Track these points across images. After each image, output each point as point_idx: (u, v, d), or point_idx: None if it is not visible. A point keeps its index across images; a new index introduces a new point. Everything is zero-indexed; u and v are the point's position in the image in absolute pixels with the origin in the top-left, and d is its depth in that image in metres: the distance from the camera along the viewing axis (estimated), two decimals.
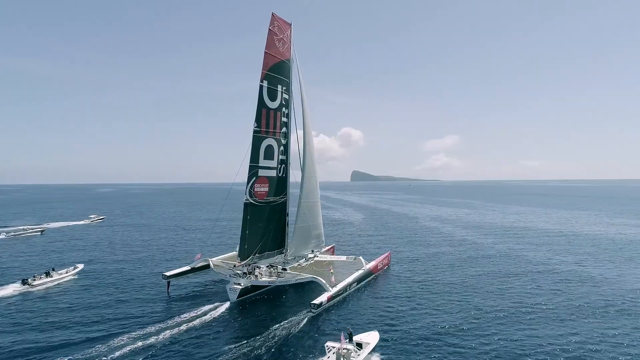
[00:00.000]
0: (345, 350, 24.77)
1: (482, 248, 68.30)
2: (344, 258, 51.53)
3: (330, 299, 37.22)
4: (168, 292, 42.96)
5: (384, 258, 52.92)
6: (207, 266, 47.00)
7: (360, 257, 49.77)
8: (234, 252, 51.94)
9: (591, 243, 71.90)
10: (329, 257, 52.65)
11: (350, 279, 42.11)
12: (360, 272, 44.78)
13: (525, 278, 47.34)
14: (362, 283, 44.71)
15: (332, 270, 42.43)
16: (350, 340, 26.37)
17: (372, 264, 48.37)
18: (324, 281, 39.13)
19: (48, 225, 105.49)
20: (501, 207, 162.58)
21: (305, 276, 41.16)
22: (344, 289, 40.48)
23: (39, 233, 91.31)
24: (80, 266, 53.27)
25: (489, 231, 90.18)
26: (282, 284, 40.80)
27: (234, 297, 39.29)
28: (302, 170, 47.51)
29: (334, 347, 25.29)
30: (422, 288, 43.77)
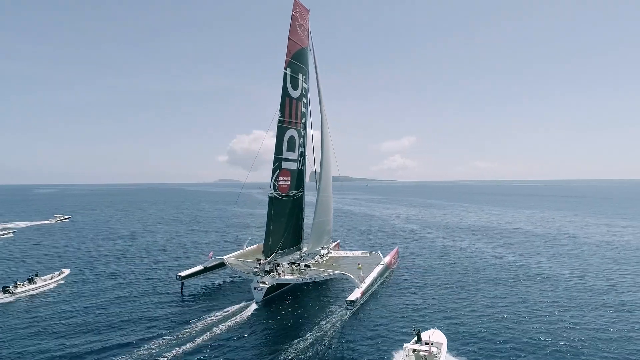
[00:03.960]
0: (425, 353, 23.23)
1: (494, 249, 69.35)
2: (359, 253, 50.27)
3: (362, 294, 35.86)
4: (182, 293, 39.90)
5: (395, 253, 52.44)
6: (221, 265, 44.22)
7: (379, 252, 48.80)
8: (248, 249, 49.39)
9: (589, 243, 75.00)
10: (344, 253, 51.20)
11: (374, 274, 40.94)
12: (381, 266, 43.77)
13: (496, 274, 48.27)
14: (383, 278, 43.84)
15: (360, 266, 40.98)
16: (419, 339, 24.73)
17: (387, 258, 47.55)
18: (353, 277, 37.60)
19: (13, 225, 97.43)
20: (464, 206, 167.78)
21: (334, 272, 39.50)
22: (371, 284, 39.27)
23: (11, 234, 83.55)
24: (67, 271, 48.16)
25: (483, 231, 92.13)
26: (310, 280, 38.79)
27: (260, 296, 36.88)
28: (321, 162, 45.59)
29: (413, 349, 23.58)
30: (443, 283, 43.46)
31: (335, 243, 57.89)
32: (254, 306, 35.73)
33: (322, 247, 50.10)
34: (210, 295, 39.70)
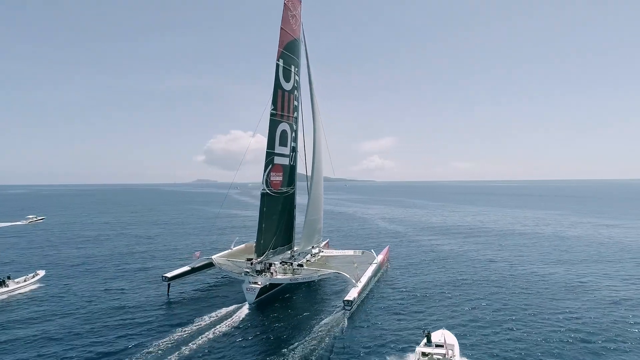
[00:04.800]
0: (440, 356, 21.93)
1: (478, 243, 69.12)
2: (351, 252, 48.88)
3: (359, 294, 34.51)
4: (168, 295, 37.74)
5: (387, 252, 51.49)
6: (209, 265, 42.17)
7: (372, 251, 47.61)
8: (236, 249, 47.44)
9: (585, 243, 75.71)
10: (335, 252, 49.72)
11: (369, 273, 39.69)
12: (375, 265, 42.59)
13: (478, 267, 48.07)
14: (377, 277, 42.71)
15: (356, 265, 39.62)
16: (429, 341, 23.40)
17: (380, 257, 46.47)
18: (348, 276, 36.17)
19: None
20: (452, 206, 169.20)
21: (329, 271, 38.00)
22: (367, 284, 37.99)
23: None
24: (42, 273, 45.10)
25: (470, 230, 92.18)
26: (305, 281, 37.17)
27: (252, 297, 35.04)
28: (313, 159, 43.98)
29: (426, 352, 22.19)
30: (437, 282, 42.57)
31: (325, 242, 56.46)
32: (246, 308, 33.89)
33: (313, 246, 48.61)
34: (199, 297, 37.60)
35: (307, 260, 44.34)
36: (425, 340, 23.46)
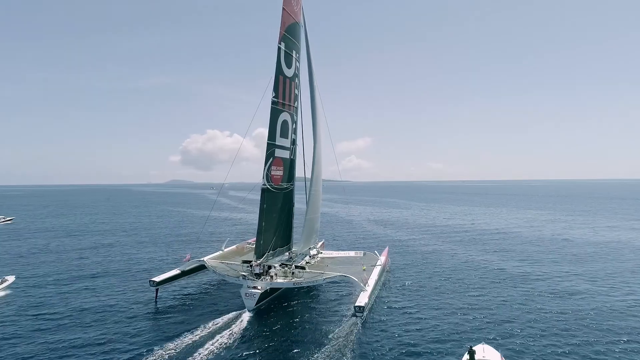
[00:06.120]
0: None
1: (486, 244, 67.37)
2: (352, 253, 45.96)
3: (369, 298, 31.58)
4: (156, 302, 33.93)
5: (387, 252, 48.79)
6: (200, 267, 38.41)
7: (375, 252, 44.84)
8: (227, 250, 43.73)
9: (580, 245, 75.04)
10: (335, 254, 46.65)
11: (376, 276, 36.82)
12: (380, 267, 39.76)
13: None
14: (382, 279, 39.96)
15: (364, 267, 36.65)
16: (472, 358, 20.24)
17: (382, 258, 43.75)
18: (356, 279, 33.14)
19: None
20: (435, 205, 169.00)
21: (334, 274, 34.76)
22: (374, 287, 35.08)
23: None
24: (11, 278, 40.35)
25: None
26: (310, 284, 33.84)
27: (252, 304, 31.62)
28: (314, 152, 40.69)
29: None
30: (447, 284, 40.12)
31: (321, 243, 53.32)
32: (246, 316, 30.42)
33: (310, 247, 45.48)
34: (192, 303, 33.79)
35: (307, 262, 41.22)
36: (467, 356, 20.47)
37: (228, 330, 27.81)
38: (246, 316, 30.37)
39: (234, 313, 30.99)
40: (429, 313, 31.14)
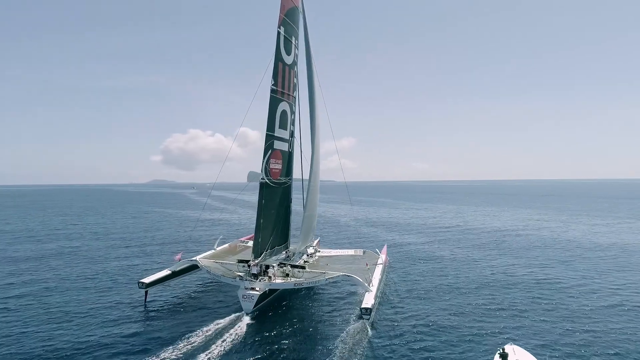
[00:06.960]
0: None
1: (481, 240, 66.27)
2: (351, 252, 43.95)
3: (375, 299, 29.70)
4: (146, 305, 31.37)
5: (386, 250, 47.05)
6: (192, 268, 35.92)
7: (376, 250, 42.96)
8: (219, 249, 41.23)
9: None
10: (334, 252, 44.59)
11: (378, 275, 34.94)
12: (381, 266, 37.89)
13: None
14: (384, 279, 38.18)
15: (368, 266, 34.72)
16: None
17: (383, 257, 41.95)
18: (360, 279, 31.15)
19: None
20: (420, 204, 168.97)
21: (337, 274, 32.67)
22: (378, 287, 33.23)
23: None
24: None
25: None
26: (313, 284, 31.69)
27: (250, 306, 29.35)
28: (312, 145, 38.54)
29: None
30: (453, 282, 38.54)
31: (316, 241, 51.23)
32: (245, 320, 28.09)
33: (307, 246, 43.39)
34: (184, 306, 31.25)
35: (305, 262, 39.09)
36: (499, 359, 18.72)
37: (225, 334, 25.48)
38: (244, 319, 28.08)
39: (230, 316, 28.66)
40: (440, 314, 29.34)
